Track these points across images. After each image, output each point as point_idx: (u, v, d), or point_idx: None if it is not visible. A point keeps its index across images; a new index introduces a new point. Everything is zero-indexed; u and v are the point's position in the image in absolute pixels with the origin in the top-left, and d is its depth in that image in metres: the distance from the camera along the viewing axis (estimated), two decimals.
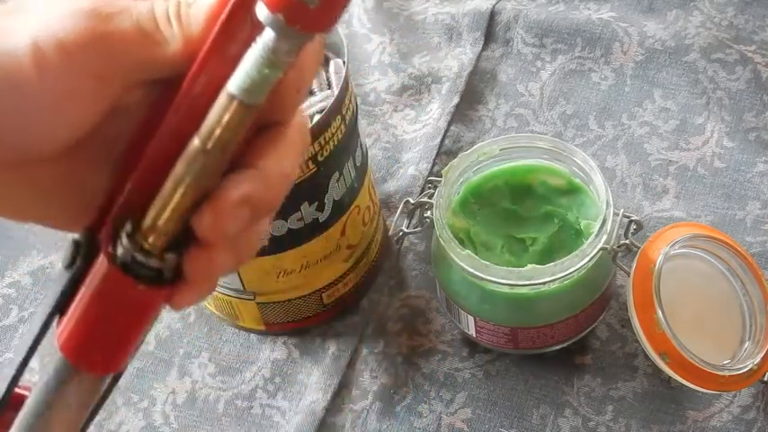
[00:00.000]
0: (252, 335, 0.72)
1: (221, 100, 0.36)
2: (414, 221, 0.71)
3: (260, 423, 0.69)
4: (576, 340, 0.68)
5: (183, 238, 0.38)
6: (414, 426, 0.68)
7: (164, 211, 0.37)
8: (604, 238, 0.64)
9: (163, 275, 0.38)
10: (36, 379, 0.40)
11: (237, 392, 0.70)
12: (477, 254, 0.65)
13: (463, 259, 0.64)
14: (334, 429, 0.68)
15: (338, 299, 0.71)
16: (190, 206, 0.37)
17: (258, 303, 0.69)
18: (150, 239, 0.37)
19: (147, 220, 0.37)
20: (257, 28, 0.35)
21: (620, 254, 0.66)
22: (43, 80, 0.36)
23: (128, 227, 0.38)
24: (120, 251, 0.38)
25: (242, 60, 0.35)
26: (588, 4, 0.84)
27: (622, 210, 0.68)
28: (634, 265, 0.64)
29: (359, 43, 0.85)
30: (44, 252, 0.77)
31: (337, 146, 0.63)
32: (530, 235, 0.67)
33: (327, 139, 0.62)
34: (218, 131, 0.36)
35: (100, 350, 0.39)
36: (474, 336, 0.68)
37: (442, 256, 0.66)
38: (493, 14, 0.84)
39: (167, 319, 0.73)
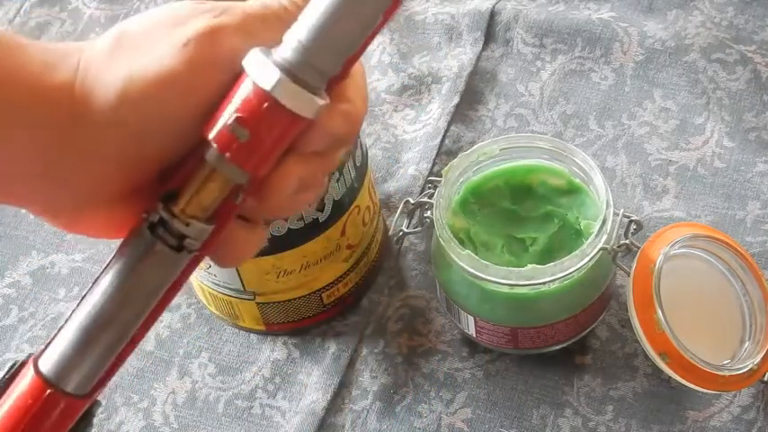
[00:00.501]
0: (252, 335, 0.72)
1: None
2: (414, 221, 0.71)
3: (260, 423, 0.69)
4: (576, 340, 0.68)
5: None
6: (414, 426, 0.68)
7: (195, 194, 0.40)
8: (604, 238, 0.64)
9: (183, 244, 0.40)
10: None
11: (237, 392, 0.70)
12: (477, 254, 0.65)
13: (463, 259, 0.64)
14: (334, 429, 0.68)
15: (338, 299, 0.71)
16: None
17: (258, 303, 0.69)
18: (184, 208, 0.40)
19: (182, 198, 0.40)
20: None
21: (620, 254, 0.65)
22: None
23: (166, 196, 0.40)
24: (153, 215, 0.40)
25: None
26: (588, 4, 0.84)
27: (622, 210, 0.67)
28: (634, 265, 0.64)
29: None
30: (44, 252, 0.77)
31: None
32: (530, 235, 0.67)
33: None
34: None
35: None
36: (474, 336, 0.68)
37: (442, 256, 0.66)
38: (493, 14, 0.84)
39: (167, 319, 0.73)
